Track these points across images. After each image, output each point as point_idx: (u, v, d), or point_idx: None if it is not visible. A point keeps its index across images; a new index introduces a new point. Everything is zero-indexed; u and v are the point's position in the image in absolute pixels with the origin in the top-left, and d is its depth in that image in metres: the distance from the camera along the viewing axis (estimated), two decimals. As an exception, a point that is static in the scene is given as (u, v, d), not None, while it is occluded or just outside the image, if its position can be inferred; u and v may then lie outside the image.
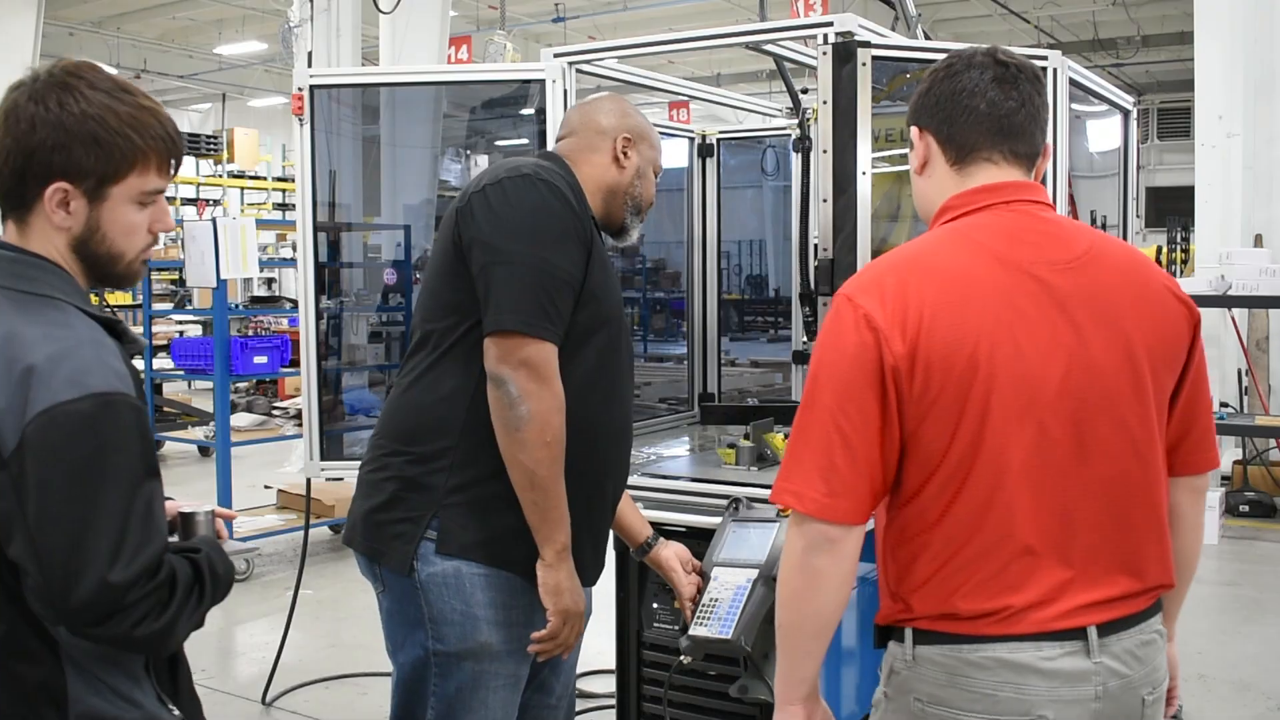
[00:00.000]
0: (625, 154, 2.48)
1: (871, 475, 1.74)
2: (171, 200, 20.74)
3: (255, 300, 12.08)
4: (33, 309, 1.60)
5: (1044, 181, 1.95)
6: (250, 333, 10.49)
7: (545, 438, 2.18)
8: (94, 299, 1.80)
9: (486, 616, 2.28)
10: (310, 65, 9.64)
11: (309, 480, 4.25)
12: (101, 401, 1.55)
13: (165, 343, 9.68)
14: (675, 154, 4.83)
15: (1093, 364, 1.73)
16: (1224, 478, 8.01)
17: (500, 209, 2.24)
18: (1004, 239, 1.77)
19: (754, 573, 2.54)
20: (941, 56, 3.24)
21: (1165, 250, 10.14)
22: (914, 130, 1.90)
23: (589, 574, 2.48)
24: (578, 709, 4.41)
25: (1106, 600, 1.75)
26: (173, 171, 1.72)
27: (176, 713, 1.73)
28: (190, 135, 21.16)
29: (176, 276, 12.27)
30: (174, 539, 1.79)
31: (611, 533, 2.63)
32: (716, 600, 2.53)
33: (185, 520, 1.84)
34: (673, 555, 2.75)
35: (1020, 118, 1.83)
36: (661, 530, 3.18)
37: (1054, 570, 1.72)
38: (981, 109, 1.82)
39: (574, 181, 2.40)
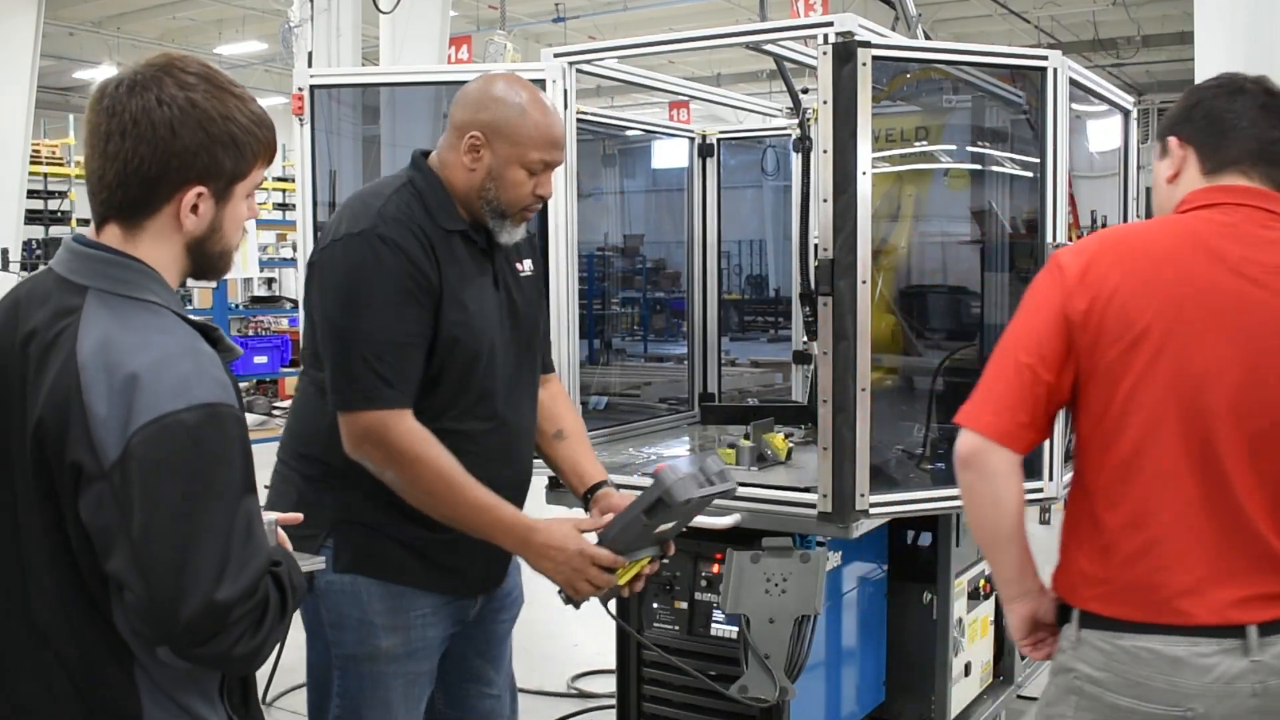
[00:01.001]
0: (476, 153, 2.30)
1: (1034, 404, 1.88)
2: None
3: (255, 300, 12.09)
4: (129, 313, 1.55)
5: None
6: (250, 333, 10.49)
7: (422, 488, 2.22)
8: None
9: (383, 623, 2.33)
10: (310, 65, 9.63)
11: (309, 480, 4.24)
12: (208, 413, 1.49)
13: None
14: (675, 154, 4.84)
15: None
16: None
17: (330, 281, 2.24)
18: (1222, 234, 1.89)
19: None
20: (941, 56, 3.25)
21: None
22: (1173, 140, 2.02)
23: (470, 584, 2.46)
24: (578, 709, 4.44)
25: (1264, 596, 1.80)
26: (270, 161, 1.72)
27: None
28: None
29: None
30: None
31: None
32: None
33: None
34: (612, 504, 2.46)
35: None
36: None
37: (1204, 557, 1.81)
38: (1248, 130, 1.95)
39: (427, 204, 2.29)
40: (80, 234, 1.67)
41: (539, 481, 2.93)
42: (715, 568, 3.08)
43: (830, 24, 2.87)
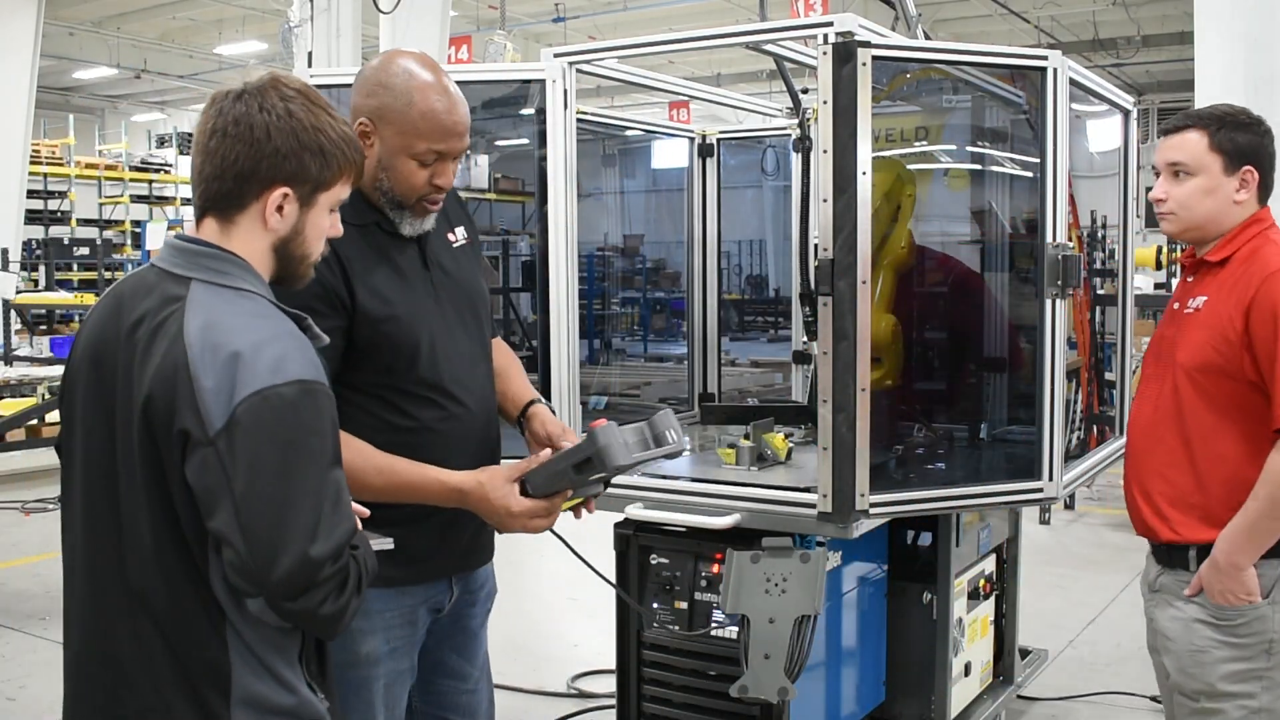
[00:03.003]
0: (366, 140, 2.22)
1: None
2: (171, 200, 20.77)
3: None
4: (230, 300, 1.73)
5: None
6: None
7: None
8: None
9: (363, 627, 2.29)
10: (310, 65, 9.64)
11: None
12: (304, 388, 1.67)
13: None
14: (675, 154, 4.84)
15: None
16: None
17: None
18: None
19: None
20: (941, 56, 3.24)
21: (1165, 250, 10.10)
22: (1253, 170, 2.56)
23: (445, 564, 2.42)
24: (578, 709, 4.44)
25: None
26: (356, 181, 1.89)
27: (325, 702, 1.83)
28: (190, 135, 21.18)
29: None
30: None
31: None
32: None
33: None
34: (539, 427, 2.47)
35: None
36: (661, 530, 3.19)
37: None
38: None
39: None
40: (181, 232, 1.86)
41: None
42: (715, 568, 3.08)
43: (830, 24, 2.87)
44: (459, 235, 2.46)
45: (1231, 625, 2.48)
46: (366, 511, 1.97)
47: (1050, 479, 3.16)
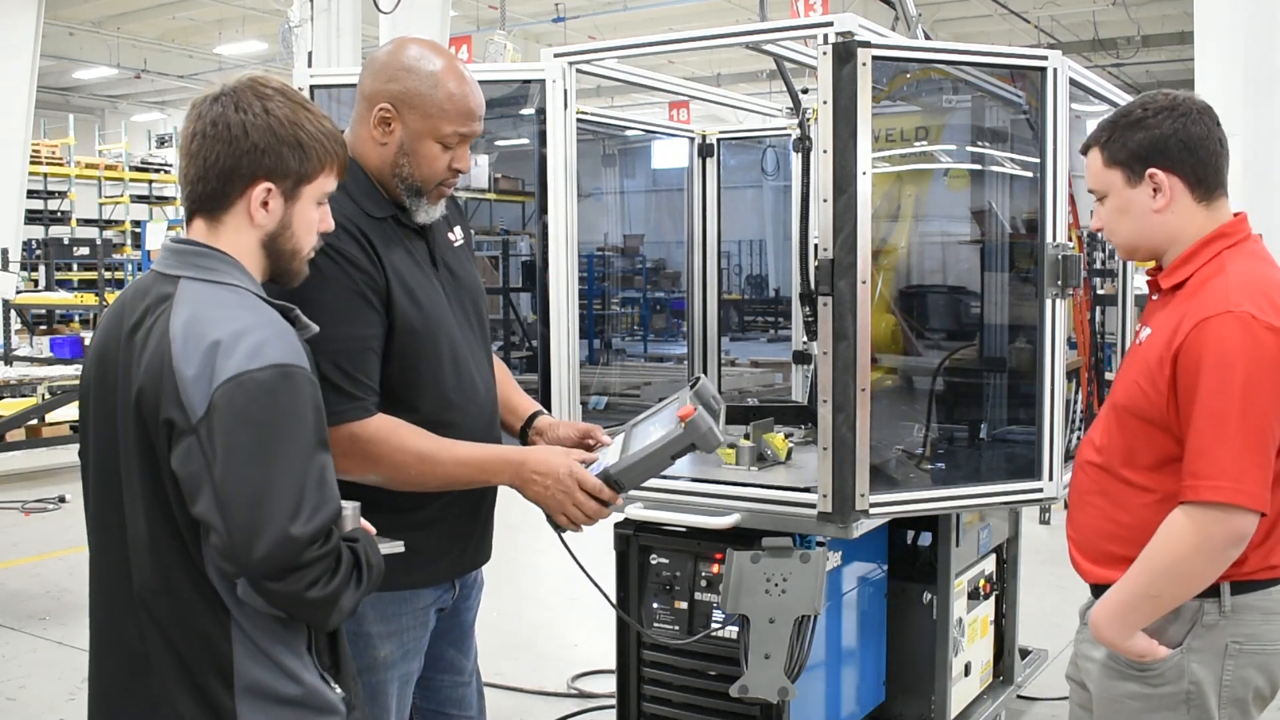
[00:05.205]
0: (386, 126, 2.23)
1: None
2: (171, 200, 20.79)
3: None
4: (214, 294, 1.76)
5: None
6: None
7: (406, 476, 2.19)
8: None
9: (378, 632, 2.31)
10: (310, 65, 9.65)
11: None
12: (281, 372, 1.69)
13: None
14: (675, 154, 4.84)
15: None
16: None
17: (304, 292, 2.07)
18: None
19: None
20: (941, 56, 3.24)
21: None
22: (1159, 174, 2.18)
23: (459, 563, 2.43)
24: (578, 709, 4.44)
25: None
26: (340, 175, 1.92)
27: (339, 691, 1.83)
28: (190, 135, 21.20)
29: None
30: None
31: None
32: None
33: None
34: (567, 430, 2.54)
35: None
36: (661, 530, 3.19)
37: None
38: (1220, 154, 2.19)
39: (351, 194, 2.17)
40: (176, 234, 1.91)
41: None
42: (715, 568, 3.08)
43: (830, 24, 2.86)
44: (457, 235, 2.49)
45: (1145, 675, 2.23)
46: (373, 528, 1.96)
47: (1050, 479, 3.16)
